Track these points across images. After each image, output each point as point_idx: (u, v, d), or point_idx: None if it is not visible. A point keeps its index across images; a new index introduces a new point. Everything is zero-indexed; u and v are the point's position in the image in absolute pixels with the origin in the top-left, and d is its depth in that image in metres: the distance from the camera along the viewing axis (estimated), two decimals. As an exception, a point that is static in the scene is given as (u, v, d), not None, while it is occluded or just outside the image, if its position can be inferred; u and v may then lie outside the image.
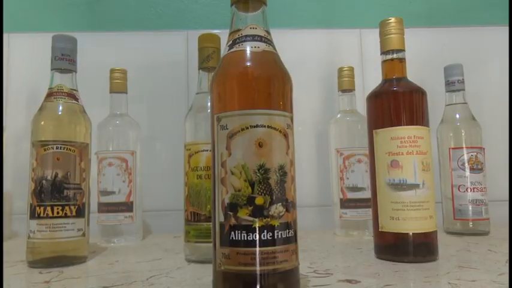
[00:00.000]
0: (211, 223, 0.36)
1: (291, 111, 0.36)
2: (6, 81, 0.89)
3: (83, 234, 0.54)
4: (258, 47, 0.35)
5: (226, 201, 0.33)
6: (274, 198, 0.33)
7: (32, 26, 0.92)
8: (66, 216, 0.52)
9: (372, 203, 0.55)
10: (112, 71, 0.76)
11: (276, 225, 0.33)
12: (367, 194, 0.73)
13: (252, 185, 0.33)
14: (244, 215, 0.33)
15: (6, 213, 0.83)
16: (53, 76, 0.56)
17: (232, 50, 0.35)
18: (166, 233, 0.84)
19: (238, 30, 0.36)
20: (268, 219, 0.33)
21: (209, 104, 0.55)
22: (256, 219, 0.33)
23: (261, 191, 0.33)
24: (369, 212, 0.74)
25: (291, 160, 0.35)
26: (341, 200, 0.74)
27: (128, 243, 0.71)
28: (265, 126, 0.33)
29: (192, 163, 0.54)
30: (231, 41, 0.36)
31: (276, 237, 0.33)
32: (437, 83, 0.81)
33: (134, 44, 0.92)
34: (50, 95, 0.55)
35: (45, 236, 0.52)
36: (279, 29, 0.94)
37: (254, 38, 0.35)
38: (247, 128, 0.33)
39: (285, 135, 0.35)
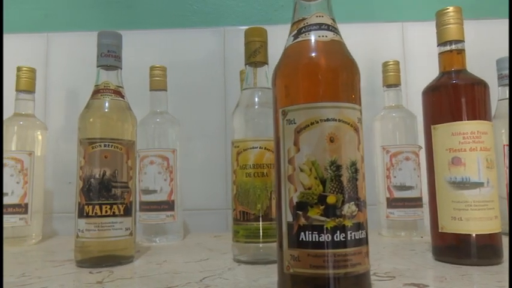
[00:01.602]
0: (276, 223, 0.34)
1: (360, 104, 0.34)
2: (45, 80, 0.90)
3: (130, 234, 0.53)
4: (326, 36, 0.33)
5: (295, 199, 0.31)
6: (346, 196, 0.31)
7: (70, 25, 0.93)
8: (114, 215, 0.52)
9: (429, 202, 0.53)
10: (152, 68, 0.75)
11: (348, 226, 0.31)
12: (415, 193, 0.70)
13: (323, 182, 0.31)
14: (315, 214, 0.31)
15: (47, 211, 0.84)
16: (99, 73, 0.56)
17: (297, 40, 0.34)
18: (204, 232, 0.83)
19: (303, 19, 0.34)
20: (341, 219, 0.31)
21: (256, 99, 0.54)
22: (328, 219, 0.31)
23: (333, 189, 0.31)
24: (418, 211, 0.71)
25: (362, 156, 0.33)
26: (387, 199, 0.71)
27: (170, 242, 0.70)
28: (336, 120, 0.31)
29: (241, 161, 0.52)
30: (295, 31, 0.34)
31: (348, 238, 0.31)
32: (488, 77, 0.77)
33: (171, 42, 0.92)
34: (97, 92, 0.54)
35: (94, 235, 0.51)
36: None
37: (321, 26, 0.33)
38: (317, 122, 0.31)
39: (356, 130, 0.32)
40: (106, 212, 0.51)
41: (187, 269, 0.49)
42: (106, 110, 0.53)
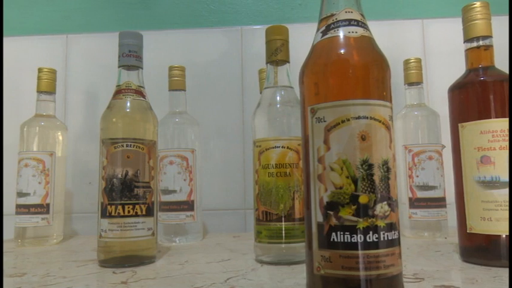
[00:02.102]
0: (304, 222, 0.34)
1: (391, 101, 0.33)
2: (64, 82, 0.91)
3: (153, 234, 0.53)
4: (356, 32, 0.32)
5: (326, 199, 0.31)
6: (379, 196, 0.30)
7: (89, 27, 0.93)
8: (136, 215, 0.52)
9: (456, 202, 0.51)
10: (171, 68, 0.75)
11: (381, 226, 0.30)
12: (439, 193, 0.69)
13: (355, 181, 0.30)
14: (346, 214, 0.30)
15: (67, 212, 0.85)
16: (120, 73, 0.56)
17: (326, 37, 0.33)
18: (223, 232, 0.83)
19: (332, 15, 0.34)
20: (374, 220, 0.30)
21: (278, 98, 0.53)
22: (361, 219, 0.30)
23: (365, 188, 0.30)
24: (442, 212, 0.69)
25: (393, 155, 0.32)
26: (410, 199, 0.70)
27: (189, 242, 0.70)
28: (367, 117, 0.30)
29: (263, 160, 0.52)
30: (323, 27, 0.34)
31: (381, 239, 0.30)
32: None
33: (188, 42, 0.92)
34: (119, 92, 0.54)
35: (117, 235, 0.51)
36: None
37: (351, 22, 0.33)
38: (348, 120, 0.30)
39: (388, 128, 0.32)
40: (129, 212, 0.51)
41: (210, 269, 0.49)
42: (128, 110, 0.53)
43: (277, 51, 0.55)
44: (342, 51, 0.32)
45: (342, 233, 0.30)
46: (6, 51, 0.92)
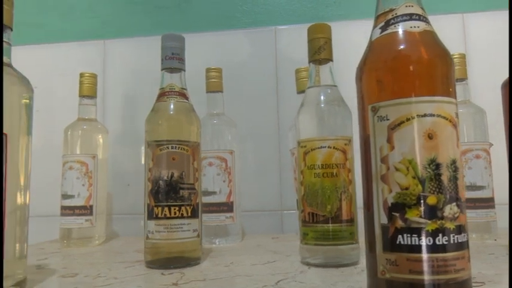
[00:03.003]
0: (364, 225, 0.33)
1: (456, 98, 0.32)
2: (103, 86, 0.92)
3: (198, 235, 0.53)
4: (418, 27, 0.31)
5: (390, 200, 0.30)
6: (448, 197, 0.29)
7: (125, 32, 0.95)
8: (182, 216, 0.52)
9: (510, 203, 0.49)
10: (208, 70, 0.75)
11: (450, 228, 0.29)
12: (487, 193, 0.66)
13: (422, 182, 0.29)
14: (413, 216, 0.29)
15: (107, 213, 0.86)
16: (163, 76, 0.56)
17: (386, 32, 0.32)
18: (260, 234, 0.82)
19: (391, 10, 0.32)
20: (443, 222, 0.29)
21: (323, 97, 0.52)
22: (429, 221, 0.29)
23: (433, 189, 0.29)
24: (491, 212, 0.66)
25: (460, 154, 0.30)
26: (456, 200, 0.67)
27: (229, 244, 0.70)
28: (434, 115, 0.29)
29: (309, 161, 0.51)
30: (382, 23, 0.33)
31: (451, 241, 0.29)
32: None
33: (222, 44, 0.92)
34: (163, 94, 0.55)
35: (163, 236, 0.51)
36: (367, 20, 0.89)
37: (412, 16, 0.31)
38: (413, 117, 0.29)
39: (454, 125, 0.30)
40: (175, 213, 0.51)
41: (257, 271, 0.48)
42: (173, 112, 0.54)
43: (320, 50, 0.54)
44: (406, 46, 0.31)
45: (408, 235, 0.29)
46: (47, 58, 0.95)
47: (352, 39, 0.70)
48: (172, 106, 0.54)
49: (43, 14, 0.98)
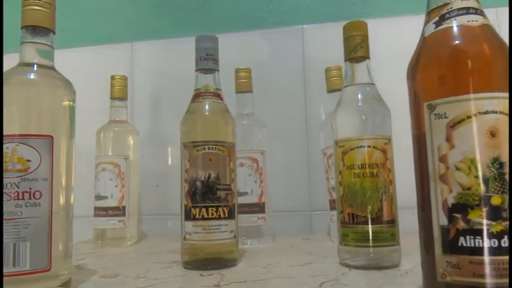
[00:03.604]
0: (419, 226, 0.32)
1: (517, 94, 0.30)
2: (131, 88, 0.93)
3: (234, 236, 0.53)
4: (476, 21, 0.30)
5: (451, 201, 0.29)
6: (512, 197, 0.28)
7: (152, 34, 0.96)
8: (219, 217, 0.52)
9: None
10: (237, 70, 0.75)
11: (516, 230, 0.28)
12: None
13: (485, 182, 0.28)
14: (476, 217, 0.28)
15: (137, 214, 0.87)
16: (198, 77, 0.56)
17: (442, 27, 0.31)
18: (290, 235, 0.82)
19: (445, 4, 0.31)
20: (508, 223, 0.27)
21: (361, 96, 0.51)
22: (494, 223, 0.27)
23: (497, 189, 0.28)
24: None
25: (521, 152, 0.29)
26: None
27: (261, 245, 0.70)
28: (496, 112, 0.28)
29: (347, 161, 0.50)
30: (436, 18, 0.32)
31: (516, 244, 0.28)
32: None
33: (249, 44, 0.92)
34: (198, 95, 0.55)
35: (201, 237, 0.51)
36: (393, 17, 0.88)
37: (469, 10, 0.30)
38: (475, 115, 0.28)
39: (517, 122, 0.29)
40: (212, 214, 0.51)
41: (297, 273, 0.47)
42: (209, 113, 0.54)
43: (357, 48, 0.53)
44: (465, 41, 0.30)
45: (471, 237, 0.28)
46: (76, 61, 0.96)
47: (379, 37, 0.69)
48: (208, 107, 0.54)
49: (71, 19, 0.99)
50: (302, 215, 0.87)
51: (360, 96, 0.51)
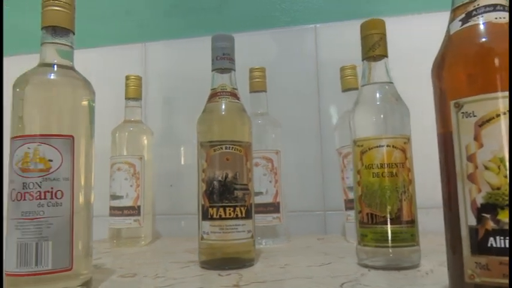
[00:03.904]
0: (445, 226, 0.31)
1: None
2: (145, 88, 0.93)
3: (252, 236, 0.53)
4: (504, 18, 0.29)
5: (480, 201, 0.28)
6: (544, 197, 0.27)
7: (165, 34, 0.96)
8: (237, 217, 0.51)
9: None
10: (252, 70, 0.75)
11: (548, 231, 0.27)
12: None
13: (515, 181, 0.27)
14: (506, 217, 0.27)
15: (151, 214, 0.87)
16: (214, 76, 0.56)
17: (468, 25, 0.30)
18: (304, 235, 0.81)
19: (471, 1, 0.31)
20: (539, 223, 0.27)
21: (379, 95, 0.51)
22: (524, 223, 0.27)
23: (528, 188, 0.27)
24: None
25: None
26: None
27: (276, 245, 0.69)
28: (526, 110, 0.28)
29: (366, 160, 0.49)
30: (462, 15, 0.31)
31: (548, 245, 0.27)
32: None
33: (262, 43, 0.92)
34: (214, 95, 0.55)
35: (219, 237, 0.51)
36: (408, 15, 0.87)
37: (496, 7, 0.30)
38: (504, 113, 0.28)
39: (547, 121, 0.28)
40: (229, 214, 0.51)
41: (316, 273, 0.47)
42: (225, 113, 0.54)
43: (374, 46, 0.52)
44: (492, 38, 0.29)
45: (501, 238, 0.27)
46: (89, 62, 0.96)
47: (393, 35, 0.68)
48: (225, 106, 0.54)
49: (84, 20, 0.99)
50: (316, 215, 0.86)
51: (378, 95, 0.51)
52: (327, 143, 0.86)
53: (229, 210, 0.51)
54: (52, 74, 0.42)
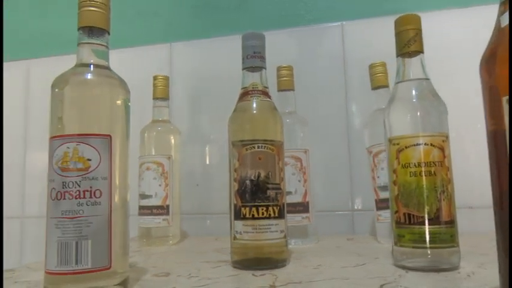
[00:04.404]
0: (496, 226, 0.30)
1: None
2: (171, 88, 0.94)
3: (284, 236, 0.52)
4: (562, 8, 0.28)
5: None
6: None
7: (190, 34, 0.96)
8: (270, 217, 0.51)
9: None
10: (279, 68, 0.74)
11: None
12: None
13: None
14: None
15: (179, 213, 0.87)
16: (245, 75, 0.56)
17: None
18: (331, 235, 0.80)
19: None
20: None
21: (416, 92, 0.50)
22: None
23: None
24: None
25: None
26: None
27: (305, 245, 0.68)
28: None
29: (403, 159, 0.48)
30: (517, 6, 0.30)
31: None
32: None
33: (288, 42, 0.91)
34: (246, 94, 0.54)
35: (252, 237, 0.51)
36: (435, 11, 0.85)
37: (552, -2, 0.28)
38: None
39: None
40: (262, 214, 0.51)
41: (352, 274, 0.46)
42: (257, 112, 0.53)
43: (410, 42, 0.51)
44: (551, 30, 0.28)
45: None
46: (116, 63, 0.97)
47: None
48: (257, 105, 0.53)
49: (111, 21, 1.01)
50: (343, 215, 0.85)
51: (415, 92, 0.50)
52: (354, 141, 0.85)
53: (262, 209, 0.51)
54: (90, 74, 0.42)
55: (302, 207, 0.69)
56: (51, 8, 1.06)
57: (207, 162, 0.94)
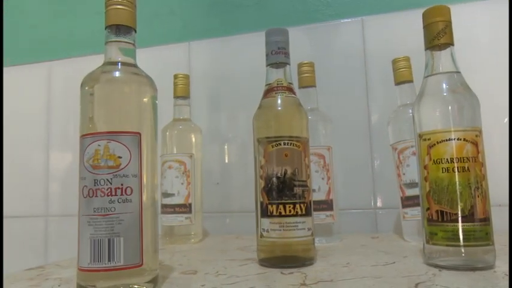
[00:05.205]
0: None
1: None
2: (190, 87, 0.94)
3: (312, 234, 0.52)
4: None
5: None
6: None
7: (208, 33, 0.96)
8: (297, 214, 0.50)
9: None
10: (300, 65, 0.74)
11: None
12: None
13: None
14: None
15: (201, 211, 0.87)
16: (268, 71, 0.55)
17: None
18: (354, 233, 0.79)
19: None
20: None
21: (446, 86, 0.48)
22: None
23: None
24: None
25: None
26: None
27: (329, 243, 0.68)
28: None
29: (434, 155, 0.47)
30: None
31: None
32: None
33: (307, 38, 0.90)
34: (271, 90, 0.54)
35: (279, 235, 0.50)
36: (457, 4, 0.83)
37: None
38: None
39: None
40: (289, 211, 0.50)
41: (383, 273, 0.45)
42: (283, 108, 0.52)
43: (439, 35, 0.50)
44: None
45: None
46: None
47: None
48: (282, 101, 0.53)
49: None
50: (366, 213, 0.84)
51: (446, 85, 0.48)
52: (376, 138, 0.83)
53: (289, 207, 0.50)
54: (119, 72, 0.42)
55: (326, 205, 0.68)
56: (71, 9, 1.07)
57: (226, 161, 0.94)
